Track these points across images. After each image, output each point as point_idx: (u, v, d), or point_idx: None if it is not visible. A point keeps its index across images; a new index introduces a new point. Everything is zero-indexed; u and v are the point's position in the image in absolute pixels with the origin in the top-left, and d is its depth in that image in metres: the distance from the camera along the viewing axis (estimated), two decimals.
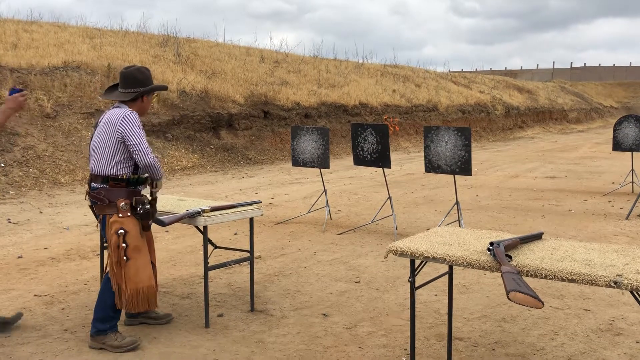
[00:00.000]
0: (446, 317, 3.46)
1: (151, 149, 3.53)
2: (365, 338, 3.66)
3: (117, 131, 3.42)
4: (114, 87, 3.69)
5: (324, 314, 4.08)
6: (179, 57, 16.45)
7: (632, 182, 9.57)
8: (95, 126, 3.60)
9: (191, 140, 13.31)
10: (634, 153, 9.46)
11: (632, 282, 2.32)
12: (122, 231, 3.35)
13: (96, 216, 3.54)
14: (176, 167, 11.94)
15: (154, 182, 3.56)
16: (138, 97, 3.59)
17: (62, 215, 7.52)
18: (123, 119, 3.42)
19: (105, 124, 3.48)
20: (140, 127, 3.48)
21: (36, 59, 12.37)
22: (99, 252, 5.14)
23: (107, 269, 3.48)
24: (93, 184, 3.49)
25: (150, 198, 3.53)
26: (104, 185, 3.44)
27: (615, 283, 2.36)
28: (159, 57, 15.86)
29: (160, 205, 3.99)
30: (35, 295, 4.43)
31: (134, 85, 3.57)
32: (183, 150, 12.75)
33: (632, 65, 55.71)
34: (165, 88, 4.13)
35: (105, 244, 3.85)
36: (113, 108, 3.57)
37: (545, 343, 3.57)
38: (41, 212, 7.66)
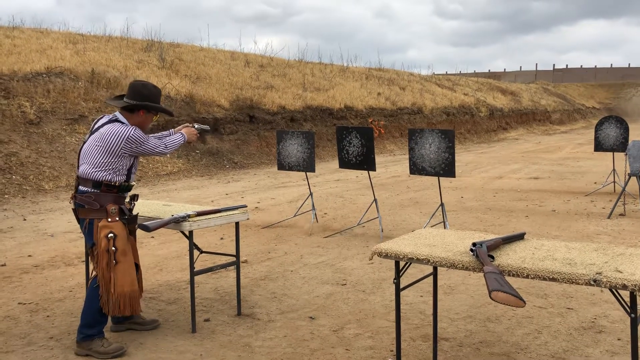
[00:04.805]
0: (432, 317, 3.49)
1: (158, 143, 3.64)
2: (352, 340, 3.68)
3: (125, 148, 3.46)
4: (122, 96, 3.71)
5: (311, 317, 4.09)
6: (163, 62, 16.39)
7: (614, 181, 9.70)
8: (91, 132, 3.58)
9: None
10: (615, 153, 9.60)
11: (611, 280, 2.37)
12: (111, 235, 3.38)
13: (78, 220, 3.53)
14: (161, 172, 11.89)
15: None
16: (134, 109, 3.59)
17: (47, 222, 7.46)
18: (129, 140, 3.46)
19: (107, 135, 3.46)
20: (145, 139, 3.56)
21: (18, 65, 12.26)
22: (84, 259, 5.11)
23: (94, 273, 3.48)
24: (81, 188, 3.49)
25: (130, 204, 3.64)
26: (95, 190, 3.45)
27: (594, 281, 2.40)
28: (143, 62, 15.79)
29: (145, 211, 4.00)
30: (19, 303, 4.40)
31: (135, 98, 3.59)
32: (168, 155, 12.70)
33: (613, 66, 56.52)
34: (167, 112, 3.86)
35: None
36: (112, 120, 3.56)
37: (529, 342, 3.62)
38: (25, 220, 7.59)
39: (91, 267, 3.61)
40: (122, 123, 3.54)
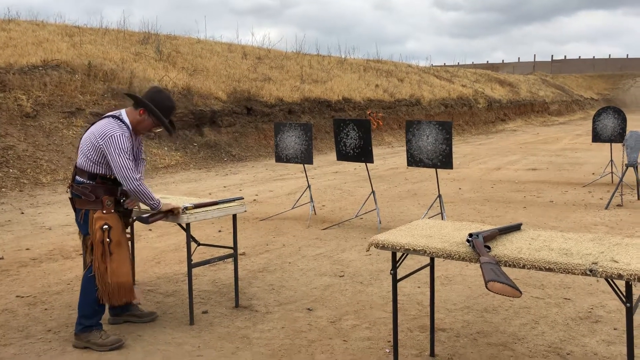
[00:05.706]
0: (429, 308, 3.50)
1: (133, 171, 3.40)
2: (350, 331, 3.69)
3: (102, 144, 3.40)
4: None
5: (309, 309, 4.10)
6: (161, 54, 16.33)
7: (612, 172, 9.71)
8: (92, 124, 3.58)
9: (174, 137, 13.24)
10: (612, 144, 9.60)
11: (607, 269, 2.38)
12: (106, 226, 3.39)
13: (75, 209, 3.53)
14: (159, 165, 11.87)
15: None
16: (139, 104, 3.55)
17: (44, 215, 7.45)
18: (111, 137, 3.39)
19: (97, 131, 3.45)
20: (124, 152, 3.38)
21: (14, 58, 12.21)
22: (82, 252, 5.11)
23: (89, 264, 3.49)
24: (78, 178, 3.49)
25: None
26: (91, 182, 3.45)
27: (590, 271, 2.41)
28: (140, 55, 15.73)
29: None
30: (17, 296, 4.40)
31: (145, 97, 3.58)
32: (166, 148, 12.68)
33: (611, 57, 56.45)
34: (166, 126, 3.64)
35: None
36: (114, 116, 3.54)
37: (526, 332, 3.63)
38: (22, 213, 7.58)
39: (87, 258, 3.61)
40: (121, 121, 3.50)
